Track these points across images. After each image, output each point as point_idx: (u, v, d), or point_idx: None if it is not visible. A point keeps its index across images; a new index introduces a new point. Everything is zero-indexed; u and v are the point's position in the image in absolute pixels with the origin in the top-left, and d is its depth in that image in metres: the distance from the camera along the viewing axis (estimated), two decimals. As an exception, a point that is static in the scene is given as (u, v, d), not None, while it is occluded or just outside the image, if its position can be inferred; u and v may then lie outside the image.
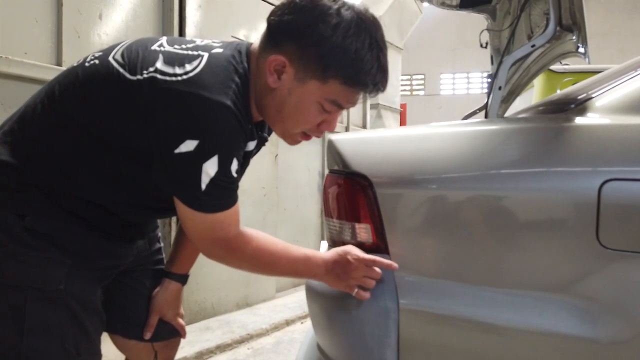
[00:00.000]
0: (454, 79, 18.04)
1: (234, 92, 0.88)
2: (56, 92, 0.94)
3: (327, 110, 0.93)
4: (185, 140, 0.84)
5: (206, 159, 0.85)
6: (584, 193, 0.84)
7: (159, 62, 0.89)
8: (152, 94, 0.87)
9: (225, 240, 0.93)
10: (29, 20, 2.11)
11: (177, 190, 0.90)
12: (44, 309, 0.90)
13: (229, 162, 0.88)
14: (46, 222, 0.91)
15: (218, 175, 0.86)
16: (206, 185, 0.86)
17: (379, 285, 0.96)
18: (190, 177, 0.86)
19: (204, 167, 0.85)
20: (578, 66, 2.99)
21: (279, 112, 0.94)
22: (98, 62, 0.93)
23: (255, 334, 2.81)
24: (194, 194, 0.87)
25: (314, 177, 4.26)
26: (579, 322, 0.83)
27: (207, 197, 0.88)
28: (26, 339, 0.88)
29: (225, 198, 0.91)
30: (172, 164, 0.86)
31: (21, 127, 0.94)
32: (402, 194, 0.98)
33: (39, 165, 0.91)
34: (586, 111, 0.95)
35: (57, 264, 0.91)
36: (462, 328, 0.92)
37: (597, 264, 0.84)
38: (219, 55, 0.91)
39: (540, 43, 1.42)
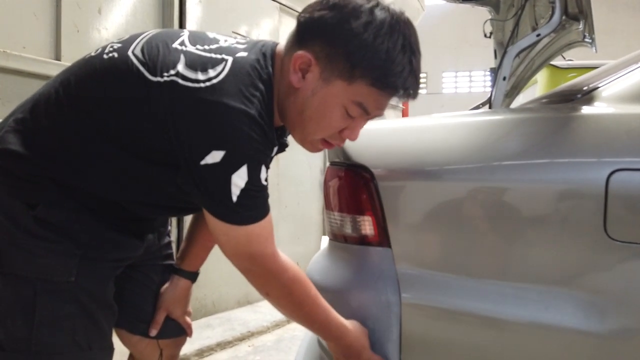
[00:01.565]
0: (456, 78, 18.01)
1: (258, 100, 0.84)
2: (72, 82, 0.91)
3: (351, 115, 0.87)
4: (211, 151, 0.81)
5: (234, 170, 0.82)
6: (592, 184, 0.82)
7: (181, 64, 0.85)
8: (173, 99, 0.83)
9: (262, 256, 0.89)
10: (27, 14, 2.09)
11: (208, 203, 0.86)
12: (54, 301, 0.88)
13: (258, 172, 0.85)
14: (57, 212, 0.89)
15: (248, 186, 0.83)
16: (237, 196, 0.83)
17: (380, 279, 0.94)
18: (220, 189, 0.83)
19: (233, 179, 0.82)
20: (582, 62, 2.97)
21: (299, 115, 0.89)
22: (117, 56, 0.90)
23: (256, 331, 2.80)
24: (226, 206, 0.84)
25: (315, 174, 4.24)
26: (585, 316, 0.82)
27: (240, 209, 0.84)
28: (36, 331, 0.87)
29: (258, 208, 0.88)
30: (200, 176, 0.83)
31: (33, 116, 0.91)
32: (404, 186, 0.96)
33: (50, 157, 0.89)
34: (593, 101, 0.93)
35: (68, 255, 0.89)
36: (465, 322, 0.90)
37: (604, 257, 0.82)
38: (243, 61, 0.87)
39: (545, 32, 1.40)
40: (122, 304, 1.08)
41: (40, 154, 0.89)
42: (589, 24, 1.45)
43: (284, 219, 3.75)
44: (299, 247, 3.95)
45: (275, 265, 0.91)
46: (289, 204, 3.88)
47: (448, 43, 16.99)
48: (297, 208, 4.02)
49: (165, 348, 1.17)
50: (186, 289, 1.17)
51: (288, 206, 3.88)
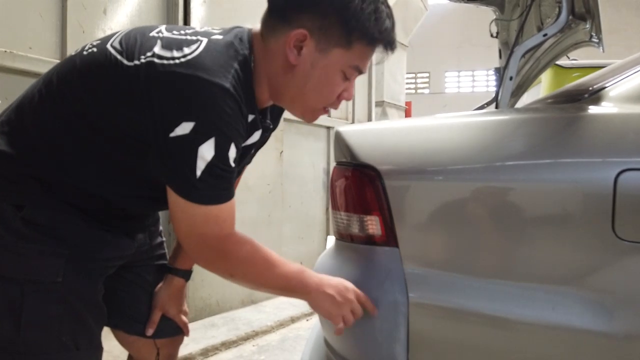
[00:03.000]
0: (459, 77, 17.98)
1: (233, 76, 0.85)
2: (54, 80, 0.92)
3: (348, 78, 0.93)
4: (181, 122, 0.81)
5: (202, 142, 0.81)
6: (599, 184, 0.82)
7: (157, 47, 0.87)
8: (149, 78, 0.84)
9: (216, 239, 0.88)
10: (33, 14, 2.10)
11: (171, 177, 0.85)
12: (41, 302, 0.88)
13: (227, 148, 0.84)
14: (44, 213, 0.89)
15: (214, 161, 0.82)
16: (202, 171, 0.82)
17: (387, 279, 0.94)
18: (186, 162, 0.82)
19: (200, 151, 0.81)
20: (586, 61, 2.96)
21: (301, 89, 0.92)
22: (96, 50, 0.91)
23: (261, 330, 2.80)
24: (189, 181, 0.83)
25: (319, 174, 4.25)
26: (593, 316, 0.81)
27: (202, 185, 0.83)
28: (23, 332, 0.87)
29: (221, 189, 0.87)
30: (168, 149, 0.83)
31: (18, 116, 0.92)
32: (411, 186, 0.96)
33: (36, 155, 0.89)
34: (600, 100, 0.93)
35: (55, 256, 0.89)
36: (472, 322, 0.90)
37: (612, 256, 0.82)
38: (218, 41, 0.89)
39: (552, 32, 1.39)
40: (118, 305, 1.08)
41: (25, 152, 0.89)
42: (596, 24, 1.45)
43: (287, 219, 3.75)
44: (302, 247, 3.96)
45: (229, 246, 0.89)
46: (292, 203, 3.89)
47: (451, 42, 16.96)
48: (301, 208, 4.02)
49: (163, 347, 1.17)
50: (180, 288, 1.17)
51: (292, 206, 3.88)
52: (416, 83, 18.21)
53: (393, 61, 5.83)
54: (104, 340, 1.15)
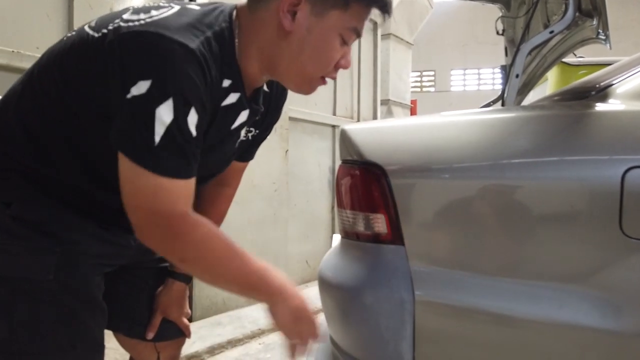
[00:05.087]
0: (465, 75, 17.91)
1: (202, 42, 0.79)
2: (35, 71, 0.89)
3: (346, 42, 0.88)
4: (137, 81, 0.74)
5: (159, 103, 0.74)
6: (606, 181, 0.82)
7: (126, 14, 0.83)
8: (112, 41, 0.79)
9: (166, 217, 0.78)
10: (40, 15, 2.11)
11: (126, 142, 0.77)
12: (33, 301, 0.86)
13: (186, 111, 0.77)
14: (33, 209, 0.86)
15: (174, 125, 0.75)
16: (160, 137, 0.75)
17: (393, 277, 0.94)
18: (144, 125, 0.75)
19: (158, 112, 0.74)
20: (593, 58, 2.94)
21: (297, 57, 0.87)
22: (75, 34, 0.88)
23: (267, 329, 2.80)
24: (146, 146, 0.75)
25: (325, 172, 4.24)
26: (601, 314, 0.81)
27: (160, 152, 0.75)
28: (16, 332, 0.84)
29: (179, 161, 0.78)
30: (124, 112, 0.76)
31: (1, 111, 0.90)
32: (417, 184, 0.96)
33: (20, 149, 0.87)
34: (607, 98, 0.93)
35: (46, 253, 0.86)
36: (479, 320, 0.90)
37: (620, 254, 0.81)
38: (192, 9, 0.85)
39: (558, 29, 1.38)
40: (118, 308, 1.06)
41: (10, 147, 0.87)
42: (603, 21, 1.44)
43: (293, 218, 3.76)
44: (307, 246, 3.96)
45: (181, 226, 0.79)
46: (298, 202, 3.89)
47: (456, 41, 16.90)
48: (306, 206, 4.02)
49: (163, 350, 1.15)
50: (181, 291, 1.15)
51: (297, 204, 3.89)
52: (422, 81, 18.15)
53: (398, 59, 5.82)
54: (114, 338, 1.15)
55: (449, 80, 17.98)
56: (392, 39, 5.61)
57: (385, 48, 5.45)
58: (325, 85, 0.94)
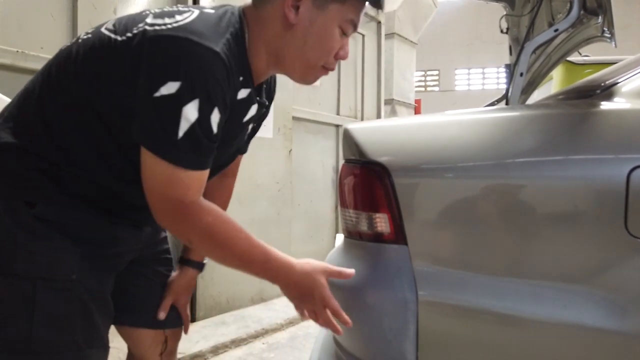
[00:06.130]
0: (469, 75, 17.86)
1: (224, 45, 0.86)
2: (52, 71, 0.93)
3: (345, 34, 0.96)
4: (166, 82, 0.81)
5: (187, 102, 0.81)
6: (612, 180, 0.81)
7: (149, 18, 0.89)
8: (139, 44, 0.85)
9: (177, 203, 0.86)
10: (45, 15, 2.12)
11: (151, 137, 0.84)
12: (54, 300, 0.89)
13: (210, 111, 0.84)
14: (56, 210, 0.90)
15: (197, 124, 0.83)
16: (184, 132, 0.82)
17: (397, 277, 0.93)
18: (169, 121, 0.82)
19: (184, 111, 0.81)
20: (598, 57, 2.92)
21: (301, 48, 0.94)
22: (91, 36, 0.93)
23: (270, 328, 2.81)
24: (169, 141, 0.82)
25: (328, 172, 4.24)
26: (606, 314, 0.80)
27: (182, 147, 0.83)
28: (35, 330, 0.87)
29: (197, 155, 0.86)
30: (151, 109, 0.82)
31: (21, 111, 0.93)
32: (420, 183, 0.96)
33: (42, 148, 0.90)
34: (613, 96, 0.92)
35: (68, 253, 0.90)
36: (482, 320, 0.89)
37: (625, 254, 0.81)
38: (210, 13, 0.92)
39: (563, 27, 1.37)
40: (125, 300, 1.09)
41: (32, 147, 0.90)
42: (608, 19, 1.43)
43: (297, 218, 3.76)
44: (311, 245, 3.96)
45: (190, 211, 0.87)
46: (302, 202, 3.89)
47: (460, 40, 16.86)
48: (310, 206, 4.02)
49: (168, 339, 1.18)
50: (193, 278, 1.21)
51: (301, 204, 3.88)
52: (426, 81, 18.12)
53: (402, 59, 5.80)
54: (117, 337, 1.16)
55: (453, 79, 17.93)
56: (396, 39, 5.60)
57: (389, 47, 5.44)
58: (326, 75, 1.02)
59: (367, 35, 4.49)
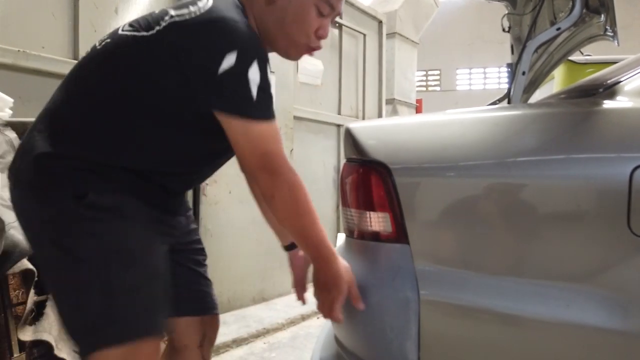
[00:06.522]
0: (471, 74, 17.84)
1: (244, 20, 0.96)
2: (79, 79, 1.00)
3: (322, 13, 1.03)
4: (225, 55, 0.90)
5: (248, 66, 0.91)
6: (614, 179, 0.81)
7: (171, 10, 0.96)
8: (176, 33, 0.93)
9: (275, 155, 0.96)
10: (46, 14, 2.12)
11: (233, 105, 0.93)
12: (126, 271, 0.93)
13: (266, 67, 0.94)
14: (106, 197, 0.95)
15: (262, 82, 0.93)
16: (256, 92, 0.92)
17: (398, 276, 0.93)
18: (241, 87, 0.91)
19: (250, 75, 0.91)
20: (600, 56, 2.92)
21: (281, 24, 1.03)
22: (110, 40, 1.00)
23: (272, 328, 2.81)
24: (248, 102, 0.92)
25: (329, 171, 4.24)
26: (608, 313, 0.80)
27: (259, 104, 0.93)
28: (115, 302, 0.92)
29: (269, 108, 0.96)
30: (222, 84, 0.91)
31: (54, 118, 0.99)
32: (422, 182, 0.95)
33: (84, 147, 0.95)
34: (615, 95, 0.92)
35: (130, 229, 0.96)
36: (484, 320, 0.89)
37: (628, 253, 0.80)
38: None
39: (565, 26, 1.37)
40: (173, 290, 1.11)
41: (74, 148, 0.96)
42: (611, 17, 1.42)
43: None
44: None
45: (285, 166, 0.97)
46: (303, 201, 3.88)
47: (462, 40, 16.84)
48: (311, 206, 4.02)
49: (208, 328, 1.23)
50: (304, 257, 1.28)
51: (302, 204, 3.87)
52: (427, 81, 18.10)
53: (403, 58, 5.80)
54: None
55: (454, 79, 17.92)
56: (397, 38, 5.59)
57: (390, 47, 5.44)
58: (311, 55, 1.10)
59: (368, 35, 4.48)
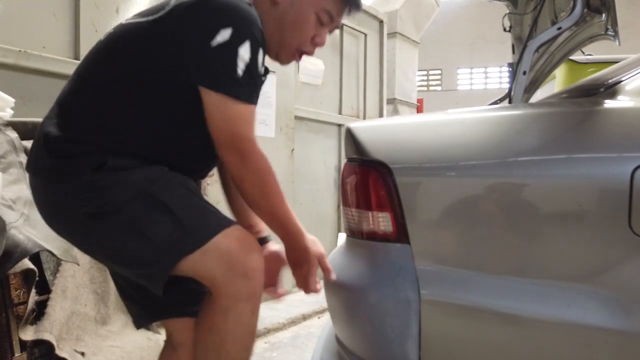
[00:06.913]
0: (472, 74, 17.82)
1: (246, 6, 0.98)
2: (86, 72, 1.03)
3: (321, 22, 1.07)
4: (220, 30, 0.93)
5: (241, 44, 0.94)
6: (615, 179, 0.81)
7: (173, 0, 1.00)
8: (177, 14, 0.96)
9: (245, 138, 0.97)
10: (47, 14, 2.12)
11: (214, 78, 0.95)
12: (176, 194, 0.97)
13: (257, 51, 0.97)
14: (125, 159, 0.97)
15: (251, 62, 0.95)
16: (242, 71, 0.95)
17: (399, 276, 0.93)
18: (229, 62, 0.94)
19: (240, 52, 0.94)
20: (601, 56, 2.91)
21: (279, 25, 1.06)
22: (113, 31, 1.04)
23: (273, 328, 2.81)
24: (232, 78, 0.94)
25: (330, 171, 4.24)
26: (610, 313, 0.80)
27: (243, 83, 0.95)
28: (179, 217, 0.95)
29: (253, 92, 0.98)
30: (211, 57, 0.94)
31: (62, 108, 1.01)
32: (422, 182, 0.95)
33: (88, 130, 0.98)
34: (616, 95, 0.92)
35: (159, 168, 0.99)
36: (485, 319, 0.89)
37: (629, 253, 0.80)
38: None
39: (566, 26, 1.37)
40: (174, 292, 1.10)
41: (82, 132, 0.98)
42: (612, 16, 1.42)
43: (299, 217, 3.73)
44: (314, 245, 3.95)
45: (255, 150, 0.99)
46: (303, 201, 3.89)
47: (463, 39, 16.82)
48: (312, 205, 4.02)
49: None
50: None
51: (303, 203, 3.88)
52: (428, 80, 18.09)
53: (405, 58, 5.80)
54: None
55: (455, 79, 17.90)
56: (398, 38, 5.59)
57: (391, 47, 5.44)
58: (298, 60, 1.13)
59: (369, 35, 4.48)
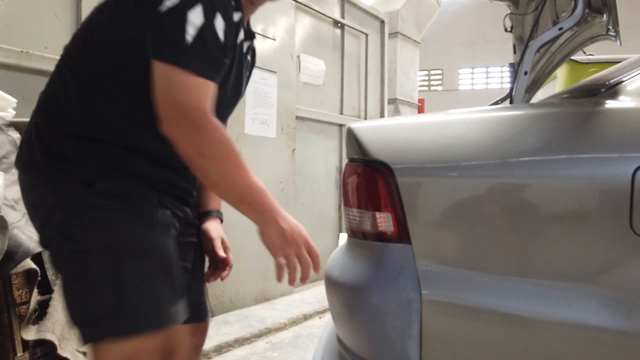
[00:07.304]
0: (473, 74, 17.81)
1: None
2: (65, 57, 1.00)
3: None
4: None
5: (190, 7, 0.85)
6: (617, 180, 0.81)
7: None
8: None
9: (193, 109, 0.86)
10: (49, 15, 2.13)
11: (161, 46, 0.86)
12: (137, 264, 0.90)
13: (213, 16, 0.88)
14: (115, 184, 0.93)
15: (204, 28, 0.86)
16: (192, 37, 0.85)
17: (400, 276, 0.93)
18: (176, 28, 0.85)
19: (189, 16, 0.85)
20: (603, 56, 2.91)
21: None
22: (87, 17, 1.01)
23: (274, 328, 2.81)
24: (178, 46, 0.85)
25: (332, 171, 4.24)
26: (611, 313, 0.80)
27: (192, 50, 0.85)
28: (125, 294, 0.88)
29: (206, 62, 0.87)
30: (160, 22, 0.86)
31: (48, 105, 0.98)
32: (424, 182, 0.95)
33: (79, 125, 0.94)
34: (618, 95, 0.92)
35: (139, 219, 0.93)
36: (486, 320, 0.89)
37: (630, 253, 0.80)
38: None
39: (568, 26, 1.37)
40: None
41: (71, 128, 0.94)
42: (613, 17, 1.42)
43: (300, 217, 3.75)
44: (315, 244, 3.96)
45: (209, 120, 0.87)
46: (305, 201, 3.89)
47: (464, 39, 16.81)
48: (314, 205, 4.02)
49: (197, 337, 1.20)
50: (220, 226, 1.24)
51: (304, 204, 3.88)
52: (429, 80, 18.08)
53: (406, 58, 5.80)
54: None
55: (456, 79, 17.88)
56: (399, 38, 5.59)
57: (392, 47, 5.44)
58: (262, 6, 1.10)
59: (370, 35, 4.48)
